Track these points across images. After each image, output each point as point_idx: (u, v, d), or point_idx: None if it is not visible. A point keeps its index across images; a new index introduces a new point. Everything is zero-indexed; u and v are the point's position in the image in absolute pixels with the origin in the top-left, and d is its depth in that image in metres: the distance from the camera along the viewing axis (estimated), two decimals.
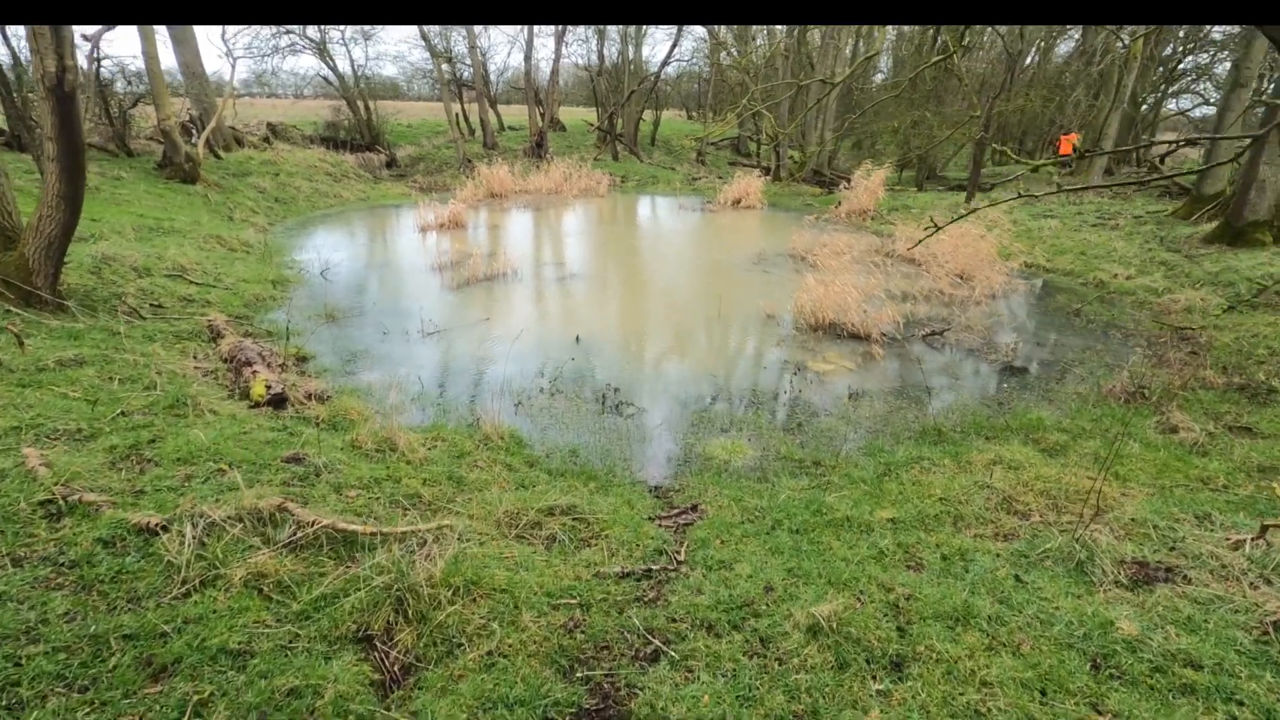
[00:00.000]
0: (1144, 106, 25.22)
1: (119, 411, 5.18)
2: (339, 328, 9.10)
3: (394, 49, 55.84)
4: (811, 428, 6.53)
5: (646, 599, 3.60)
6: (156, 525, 3.46)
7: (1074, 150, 25.68)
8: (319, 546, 3.59)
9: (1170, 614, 3.55)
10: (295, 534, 3.57)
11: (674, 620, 3.39)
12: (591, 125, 30.90)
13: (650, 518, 4.77)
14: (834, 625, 3.21)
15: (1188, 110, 28.91)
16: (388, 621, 3.09)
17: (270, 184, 17.76)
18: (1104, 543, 4.14)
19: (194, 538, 3.38)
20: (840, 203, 18.87)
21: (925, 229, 11.88)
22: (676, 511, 4.87)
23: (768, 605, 3.52)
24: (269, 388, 6.11)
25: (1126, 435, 6.10)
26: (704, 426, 6.53)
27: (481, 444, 5.80)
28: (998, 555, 4.20)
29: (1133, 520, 4.58)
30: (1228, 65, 24.90)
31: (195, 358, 7.05)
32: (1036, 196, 11.84)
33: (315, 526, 3.61)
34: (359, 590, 3.20)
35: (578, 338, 8.83)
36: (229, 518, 3.54)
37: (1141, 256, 12.68)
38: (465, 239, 15.06)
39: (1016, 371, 7.98)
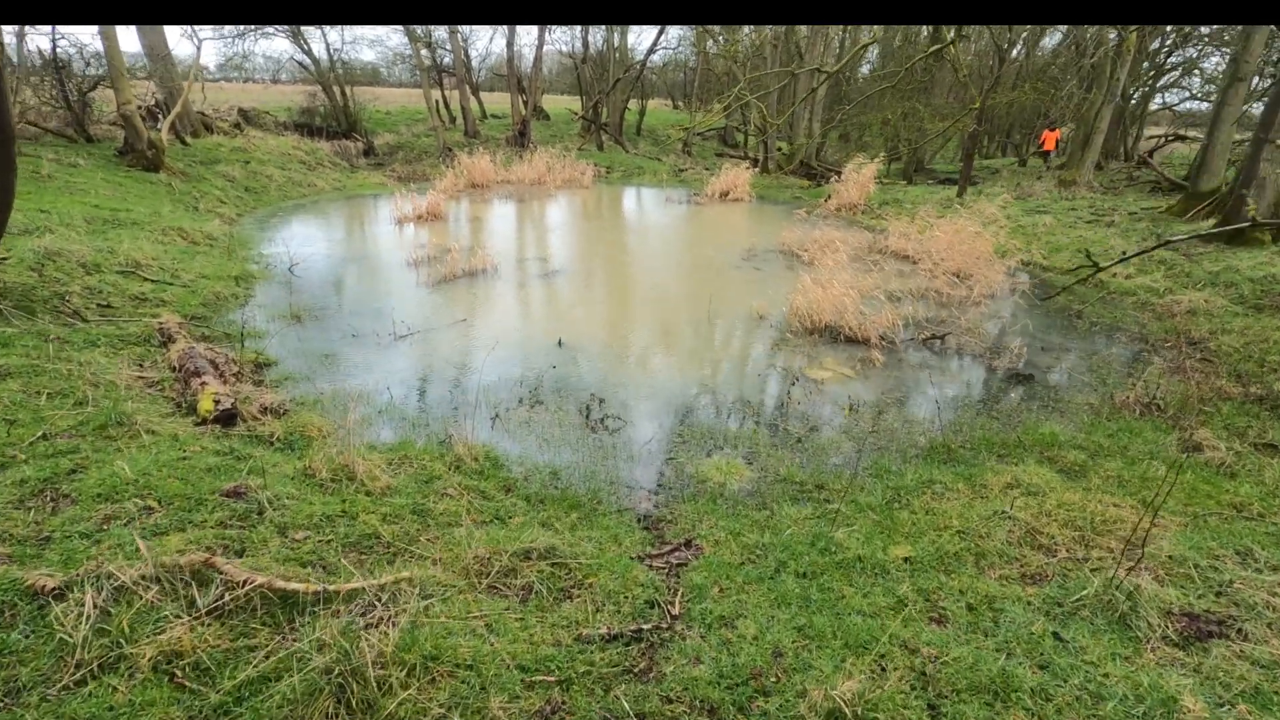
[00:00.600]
0: (1132, 101, 24.93)
1: (40, 434, 4.58)
2: (305, 329, 8.48)
3: (372, 33, 54.51)
4: (812, 444, 6.03)
5: (637, 670, 3.08)
6: (52, 589, 2.89)
7: (1057, 146, 25.39)
8: (251, 611, 3.03)
9: (1235, 681, 3.10)
10: (223, 597, 3.01)
11: (669, 700, 2.88)
12: (576, 114, 30.16)
13: (639, 557, 4.26)
14: (857, 711, 2.72)
15: (1174, 105, 28.69)
16: (327, 716, 2.55)
17: (240, 172, 16.95)
18: (1146, 589, 3.69)
19: (96, 606, 2.82)
20: (830, 196, 18.38)
21: (920, 227, 11.37)
22: (669, 549, 4.36)
23: (778, 677, 3.02)
24: (217, 403, 5.51)
25: (1151, 458, 5.67)
26: (696, 442, 6.02)
27: (453, 467, 5.25)
28: (1029, 604, 3.74)
29: (1171, 559, 4.14)
30: (1214, 60, 24.66)
31: (141, 366, 6.41)
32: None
33: (248, 587, 3.05)
34: (293, 675, 2.66)
35: (560, 341, 8.28)
36: (142, 579, 2.97)
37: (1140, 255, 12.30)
38: (444, 232, 14.41)
39: (1023, 379, 7.55)
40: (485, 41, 50.20)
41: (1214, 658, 3.28)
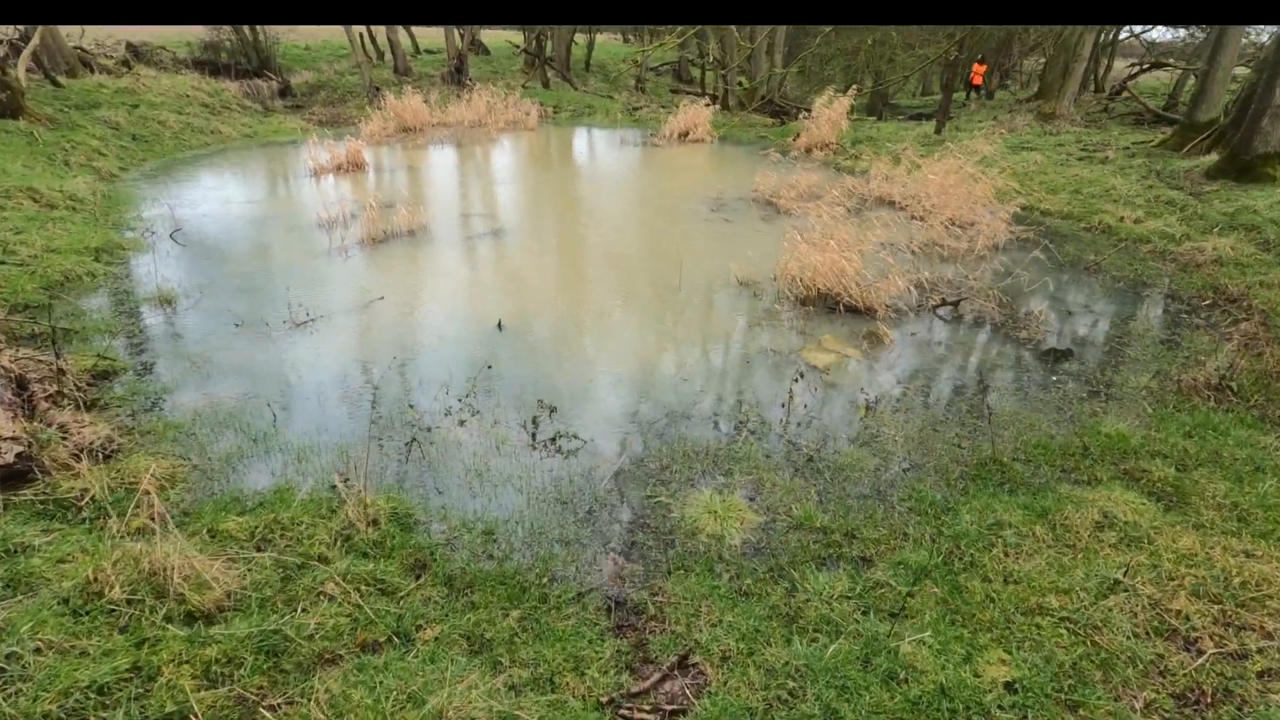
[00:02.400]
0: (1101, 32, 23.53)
1: None
2: (176, 317, 6.64)
3: None
4: (827, 464, 4.60)
5: None
6: None
7: (984, 81, 24.05)
8: None
9: None
10: None
11: None
12: (518, 48, 27.45)
13: (611, 699, 2.79)
14: None
15: (1141, 34, 27.46)
16: None
17: (126, 118, 14.40)
18: None
19: None
20: (799, 135, 16.68)
21: (906, 168, 9.85)
22: (655, 678, 2.90)
23: None
24: None
25: (1258, 470, 4.39)
26: (679, 468, 4.53)
27: (342, 536, 3.66)
28: None
29: None
30: None
31: None
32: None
33: None
34: None
35: (500, 324, 6.62)
36: None
37: (1145, 196, 11.06)
38: (368, 185, 12.36)
39: (1059, 356, 6.22)
40: None
41: None
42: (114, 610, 2.82)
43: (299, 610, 3.05)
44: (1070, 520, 3.88)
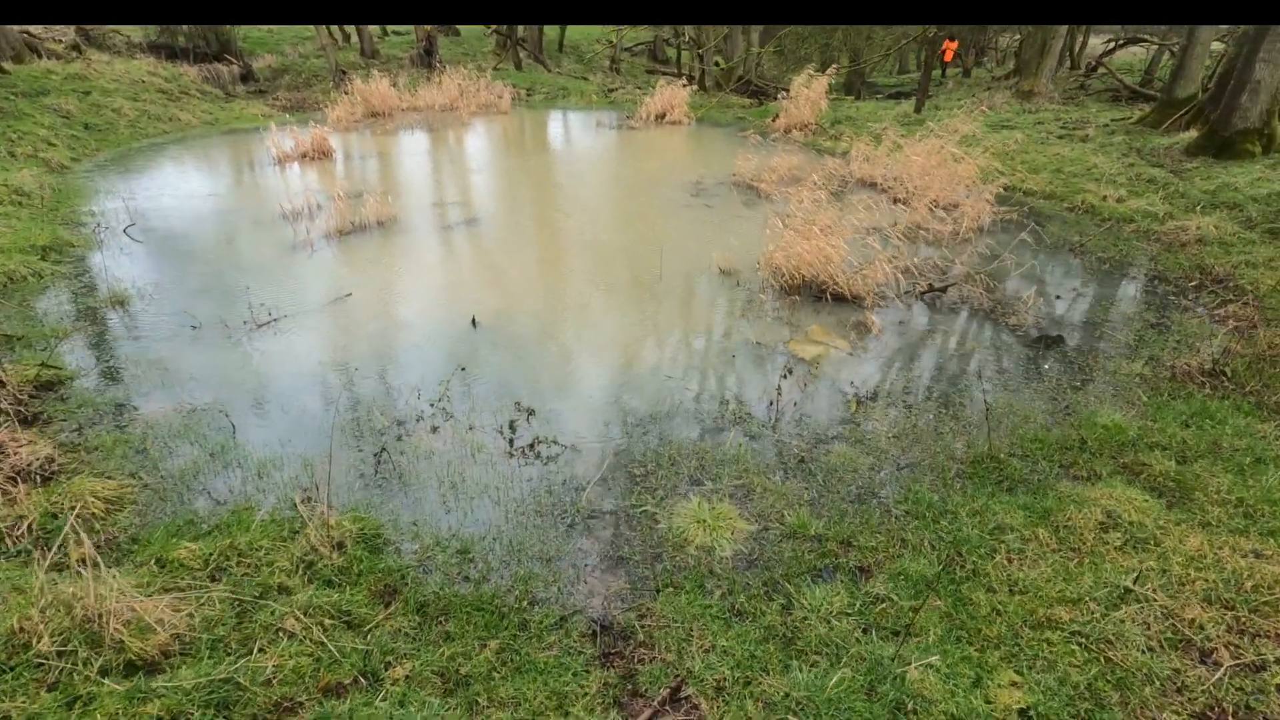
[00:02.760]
0: None
1: None
2: (129, 320, 6.26)
3: None
4: (819, 464, 4.40)
5: None
6: None
7: (955, 58, 23.89)
8: None
9: None
10: None
11: None
12: (490, 29, 26.76)
13: None
14: None
15: None
16: None
17: (77, 106, 13.73)
18: None
19: None
20: (778, 115, 16.38)
21: (887, 149, 9.65)
22: (646, 715, 2.68)
23: None
24: None
25: (1259, 462, 4.26)
26: (665, 473, 4.31)
27: (304, 562, 3.39)
28: None
29: None
30: None
31: None
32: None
33: None
34: None
35: (475, 321, 6.32)
36: None
37: (1126, 174, 10.95)
38: (335, 174, 11.90)
39: (1050, 342, 6.06)
40: None
41: None
42: (42, 664, 2.54)
43: (255, 651, 2.79)
44: (1073, 521, 3.71)
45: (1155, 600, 3.11)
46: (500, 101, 18.74)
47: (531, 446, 4.55)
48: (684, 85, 18.00)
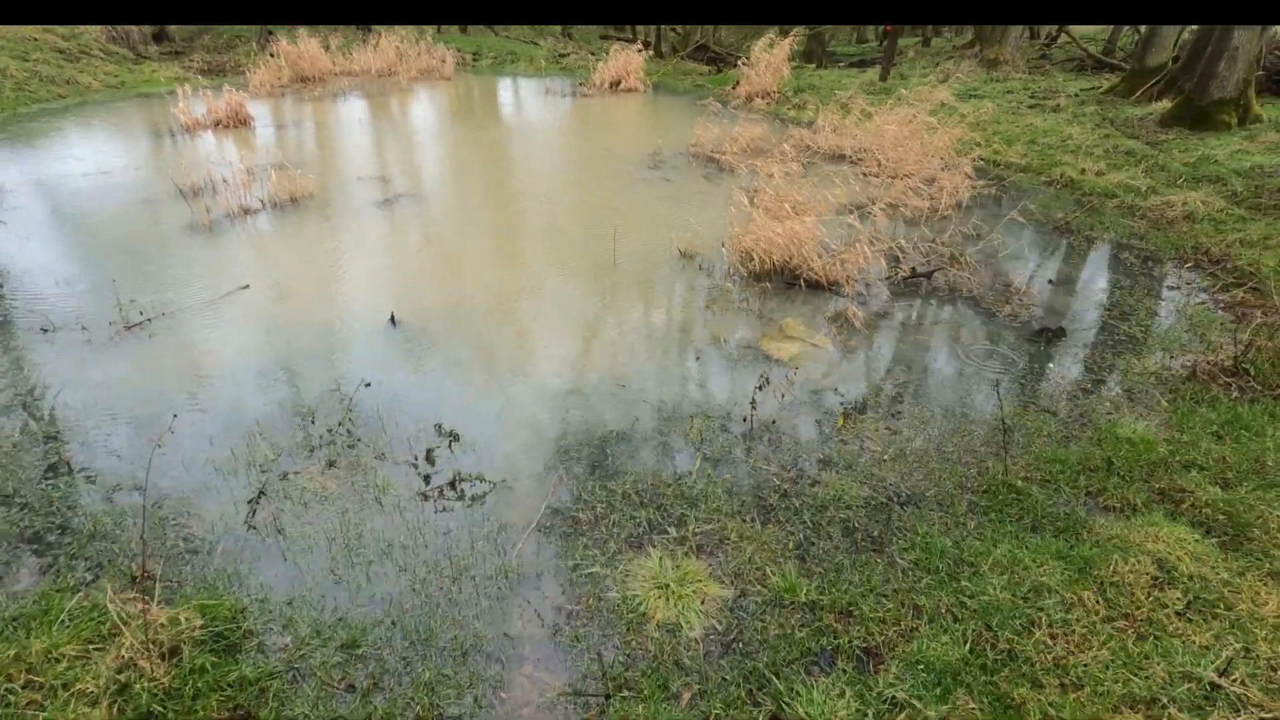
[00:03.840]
0: None
1: None
2: None
3: None
4: (804, 499, 3.58)
5: None
6: None
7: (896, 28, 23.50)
8: None
9: None
10: None
11: None
12: None
13: None
14: None
15: None
16: None
17: None
18: None
19: None
20: (738, 83, 15.40)
21: (856, 118, 8.84)
22: None
23: None
24: None
25: None
26: (618, 518, 3.44)
27: (116, 683, 2.44)
28: None
29: None
30: None
31: None
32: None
33: None
34: None
35: (394, 318, 5.32)
36: None
37: (1103, 146, 10.34)
38: (252, 143, 10.57)
39: (1051, 336, 5.35)
40: None
41: None
42: None
43: None
44: (1120, 576, 2.98)
45: (1251, 700, 2.39)
46: (443, 67, 17.33)
47: (452, 484, 3.63)
48: (638, 50, 16.86)
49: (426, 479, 3.67)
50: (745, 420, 4.19)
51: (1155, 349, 5.18)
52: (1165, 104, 11.55)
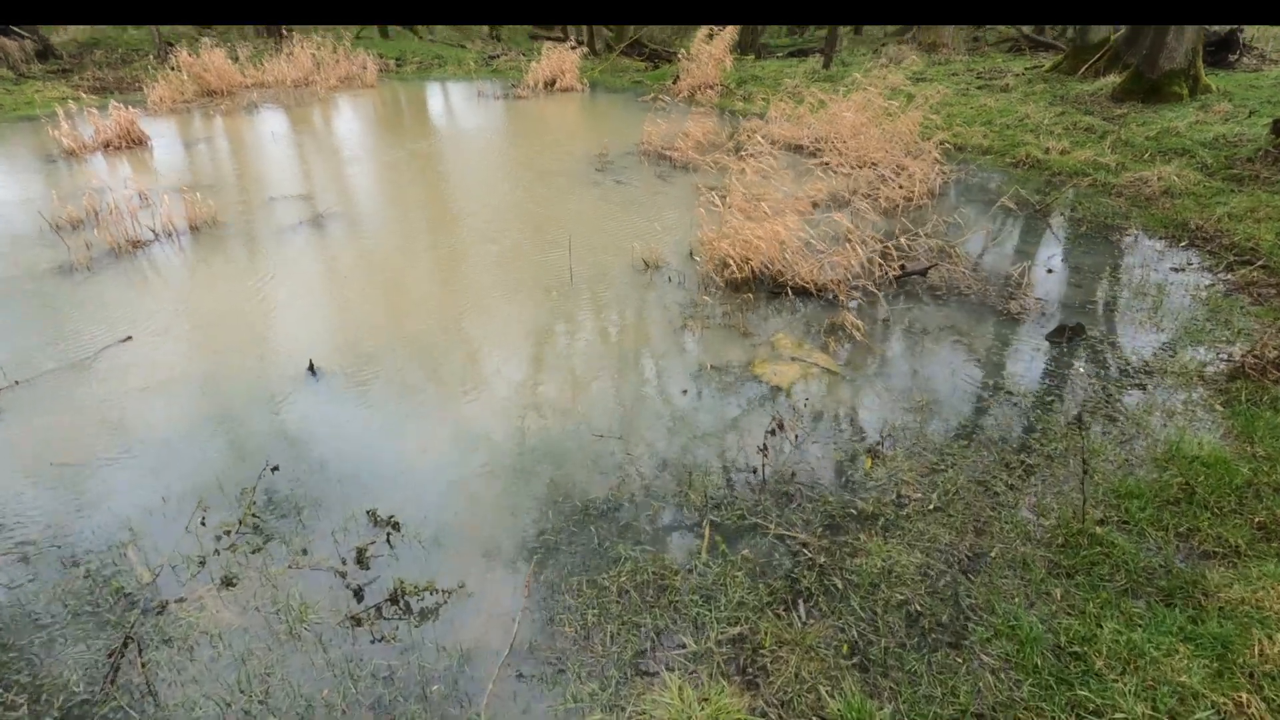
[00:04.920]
0: None
1: None
2: None
3: None
4: (847, 576, 2.81)
5: None
6: None
7: None
8: None
9: None
10: None
11: None
12: None
13: None
14: None
15: None
16: None
17: None
18: None
19: None
20: (678, 77, 14.67)
21: (810, 107, 8.19)
22: None
23: None
24: None
25: None
26: (616, 629, 2.61)
27: None
28: None
29: None
30: None
31: None
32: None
33: None
34: None
35: (313, 367, 4.35)
36: None
37: (1061, 124, 9.97)
38: (148, 166, 9.29)
39: (1070, 335, 4.73)
40: None
41: None
42: None
43: None
44: (1272, 663, 2.30)
45: None
46: (364, 74, 16.06)
47: (394, 599, 2.73)
48: (572, 47, 15.96)
49: (359, 593, 2.77)
50: (756, 471, 3.40)
51: (1185, 342, 4.61)
52: (1112, 79, 11.31)
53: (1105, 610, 2.60)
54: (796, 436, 3.59)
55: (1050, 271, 5.80)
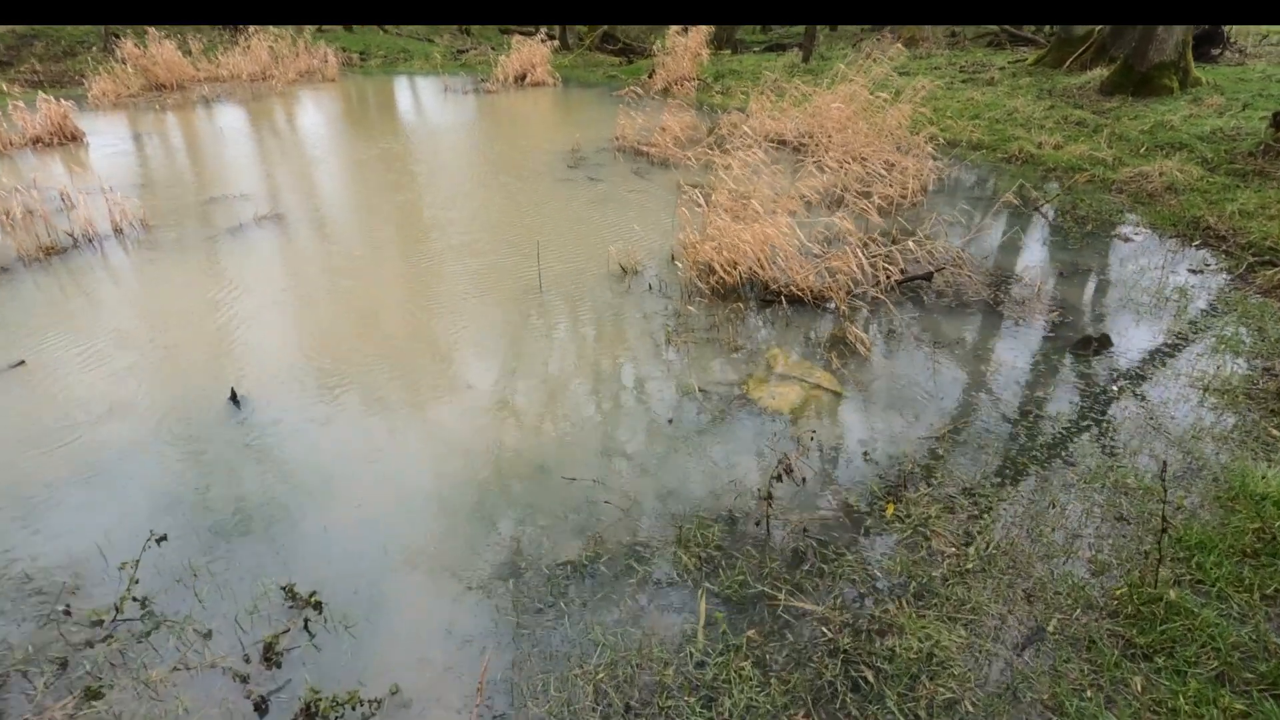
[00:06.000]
0: None
1: None
2: None
3: None
4: (881, 673, 2.25)
5: None
6: None
7: None
8: None
9: None
10: None
11: None
12: None
13: None
14: None
15: None
16: None
17: None
18: None
19: None
20: (654, 72, 14.07)
21: (793, 100, 7.67)
22: None
23: None
24: None
25: None
26: None
27: None
28: None
29: None
30: None
31: None
32: None
33: None
34: None
35: (235, 395, 3.69)
36: None
37: (1051, 117, 9.56)
38: (82, 164, 8.48)
39: (1096, 347, 4.24)
40: None
41: None
42: None
43: None
44: None
45: None
46: (326, 67, 15.25)
47: (309, 712, 2.11)
48: (542, 40, 15.29)
49: (262, 706, 2.14)
50: (759, 524, 2.83)
51: (1219, 352, 4.14)
52: (1099, 72, 10.95)
53: (1201, 708, 2.07)
54: (804, 480, 3.02)
55: (1062, 275, 5.32)
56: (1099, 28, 11.93)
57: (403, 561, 2.70)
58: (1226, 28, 12.53)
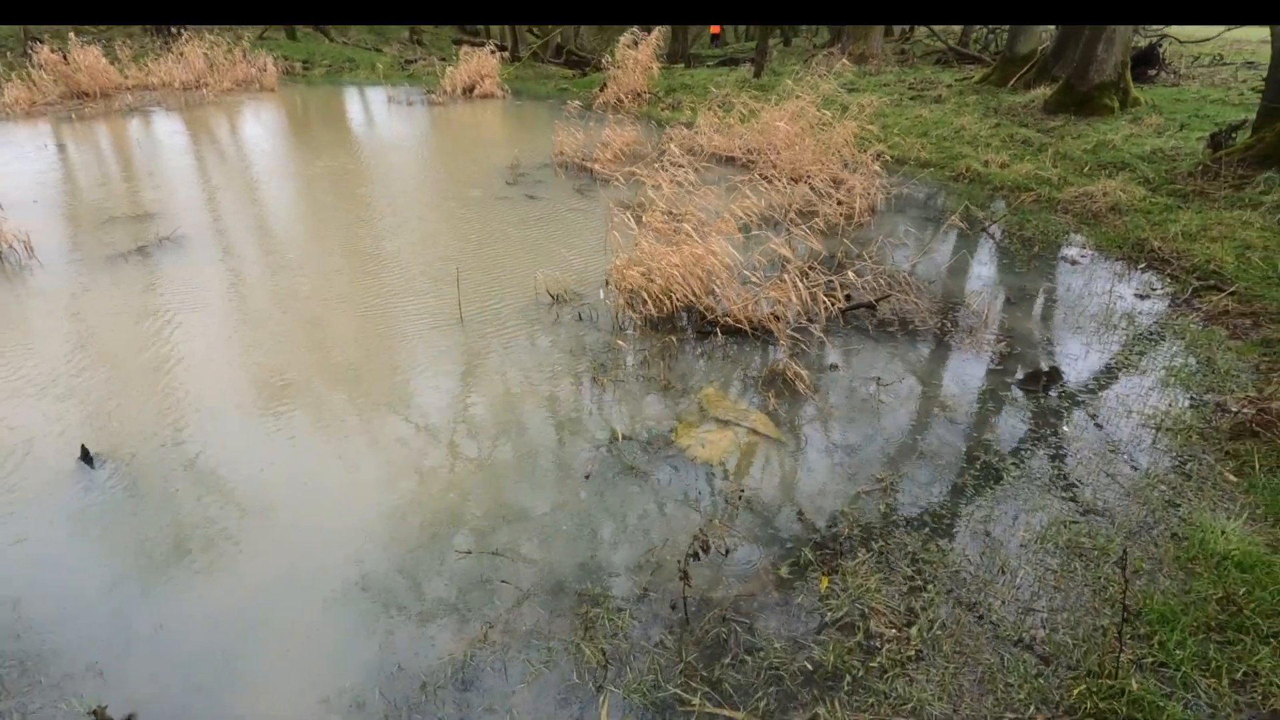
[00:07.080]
0: None
1: None
2: None
3: None
4: None
5: None
6: None
7: (721, 32, 25.18)
8: None
9: None
10: None
11: None
12: None
13: None
14: None
15: None
16: None
17: None
18: None
19: None
20: (604, 85, 13.75)
21: (739, 116, 7.41)
22: None
23: None
24: None
25: None
26: None
27: None
28: None
29: None
30: None
31: None
32: None
33: None
34: None
35: (88, 453, 3.18)
36: None
37: (998, 136, 9.49)
38: None
39: (1046, 382, 3.99)
40: None
41: None
42: None
43: None
44: None
45: None
46: (264, 76, 14.57)
47: None
48: (492, 52, 14.86)
49: None
50: (675, 607, 2.45)
51: (1170, 386, 3.93)
52: (1042, 91, 10.97)
53: None
54: (728, 551, 2.66)
55: (1010, 300, 5.10)
56: (1041, 48, 12.02)
57: (244, 671, 2.25)
58: (1162, 49, 12.76)
